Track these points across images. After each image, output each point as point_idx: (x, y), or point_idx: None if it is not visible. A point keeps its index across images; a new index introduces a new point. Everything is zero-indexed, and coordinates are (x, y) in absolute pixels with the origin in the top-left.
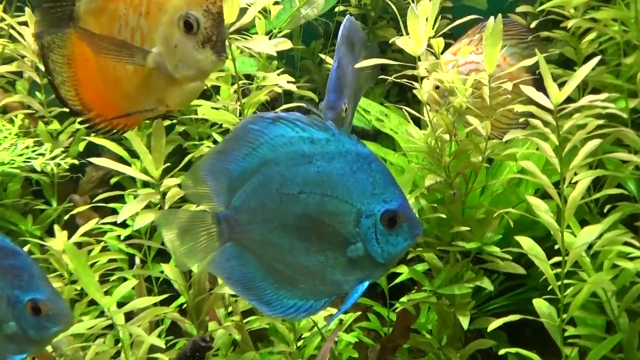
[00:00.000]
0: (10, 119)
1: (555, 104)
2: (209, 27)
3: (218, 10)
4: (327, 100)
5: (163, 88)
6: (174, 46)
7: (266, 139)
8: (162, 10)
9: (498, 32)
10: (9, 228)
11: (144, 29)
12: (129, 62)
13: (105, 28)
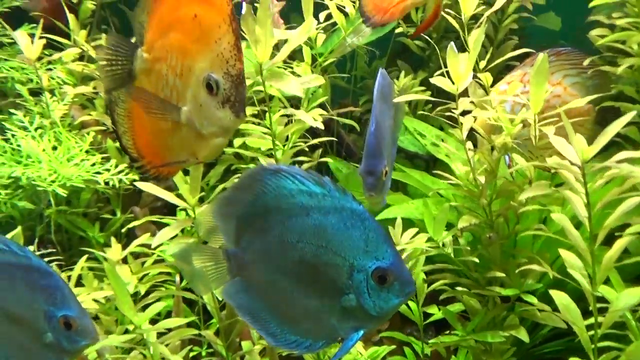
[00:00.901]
0: (82, 136)
1: (582, 160)
2: (228, 88)
3: (237, 72)
4: (366, 165)
5: (193, 142)
6: (199, 105)
7: (269, 189)
8: (191, 71)
9: (544, 71)
10: (79, 234)
11: (179, 88)
12: (167, 118)
13: (153, 86)
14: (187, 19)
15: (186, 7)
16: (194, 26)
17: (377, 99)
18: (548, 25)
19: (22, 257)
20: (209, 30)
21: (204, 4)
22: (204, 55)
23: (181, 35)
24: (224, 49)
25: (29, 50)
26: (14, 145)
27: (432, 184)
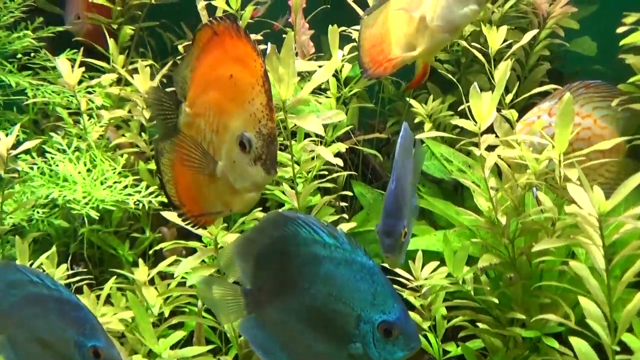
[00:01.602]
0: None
1: (600, 213)
2: (260, 146)
3: (269, 131)
4: (384, 225)
5: (228, 195)
6: (233, 161)
7: (285, 235)
8: (226, 129)
9: (570, 113)
10: (110, 252)
11: (215, 144)
12: (204, 171)
13: (194, 136)
14: (224, 78)
15: (223, 67)
16: (230, 86)
17: (399, 154)
18: (583, 50)
19: (54, 290)
20: (243, 91)
21: (239, 65)
22: (238, 114)
23: (218, 93)
24: (257, 109)
25: (69, 77)
26: (52, 167)
27: (456, 214)
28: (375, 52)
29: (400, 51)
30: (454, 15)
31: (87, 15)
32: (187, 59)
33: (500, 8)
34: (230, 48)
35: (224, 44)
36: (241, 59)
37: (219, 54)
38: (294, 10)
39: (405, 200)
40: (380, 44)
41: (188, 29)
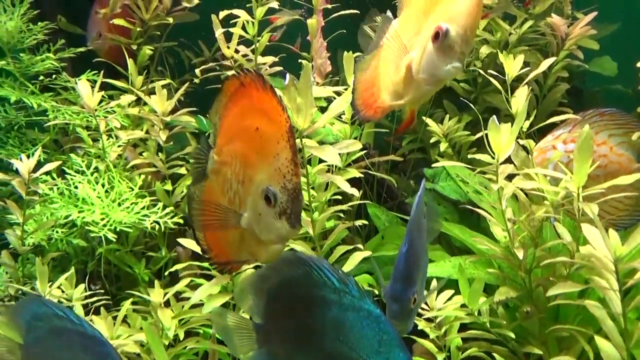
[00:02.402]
0: (131, 178)
1: (615, 258)
2: (284, 201)
3: (294, 187)
4: (393, 290)
5: (254, 245)
6: (258, 214)
7: (297, 276)
8: (252, 181)
9: (589, 147)
10: (125, 270)
11: (240, 195)
12: (229, 223)
13: (220, 187)
14: (250, 130)
15: (250, 119)
16: (256, 138)
17: (415, 214)
18: (603, 71)
19: (78, 325)
20: (269, 145)
21: (265, 119)
22: (263, 167)
23: (244, 144)
24: (282, 163)
25: (89, 99)
26: (71, 188)
27: (472, 239)
28: (367, 95)
29: (388, 98)
30: (438, 71)
31: (108, 35)
32: (216, 106)
33: (517, 29)
34: (256, 100)
35: (250, 95)
36: (267, 113)
37: (245, 105)
38: (310, 32)
39: (418, 265)
40: (371, 88)
41: (205, 47)
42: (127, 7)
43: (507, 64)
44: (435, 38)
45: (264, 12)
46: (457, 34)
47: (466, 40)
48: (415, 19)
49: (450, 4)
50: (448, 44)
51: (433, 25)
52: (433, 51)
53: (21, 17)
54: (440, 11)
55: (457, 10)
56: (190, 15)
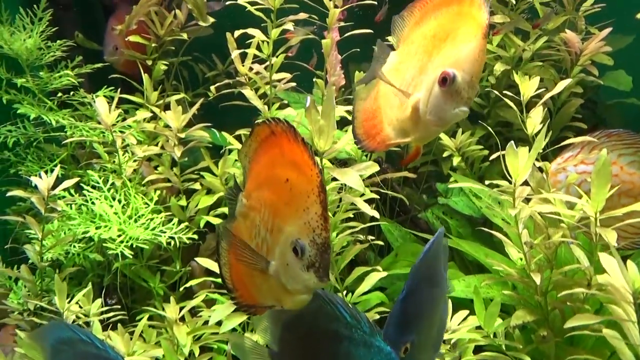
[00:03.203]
0: (146, 192)
1: (634, 291)
2: (313, 255)
3: (323, 241)
4: (385, 333)
5: (280, 293)
6: (286, 264)
7: (312, 309)
8: (281, 232)
9: (607, 174)
10: (140, 284)
11: (268, 242)
12: (256, 268)
13: (247, 231)
14: (280, 180)
15: (280, 168)
16: (285, 189)
17: (421, 261)
18: (617, 85)
19: (102, 351)
20: (298, 198)
21: (296, 171)
22: (292, 219)
23: (274, 194)
24: (311, 218)
25: (107, 117)
26: (89, 204)
27: (486, 257)
28: (368, 125)
29: (393, 133)
30: (445, 114)
31: (123, 51)
32: (245, 149)
33: (531, 45)
34: (287, 151)
35: (281, 145)
36: (298, 165)
37: (275, 154)
38: (325, 51)
39: (419, 315)
40: (372, 119)
41: (219, 61)
42: (142, 23)
43: (523, 86)
44: (442, 83)
45: (279, 33)
46: (464, 80)
47: (472, 86)
48: (416, 56)
49: (455, 48)
50: (455, 89)
51: (438, 68)
52: (440, 95)
53: (40, 35)
54: (445, 54)
55: (463, 56)
56: (204, 30)
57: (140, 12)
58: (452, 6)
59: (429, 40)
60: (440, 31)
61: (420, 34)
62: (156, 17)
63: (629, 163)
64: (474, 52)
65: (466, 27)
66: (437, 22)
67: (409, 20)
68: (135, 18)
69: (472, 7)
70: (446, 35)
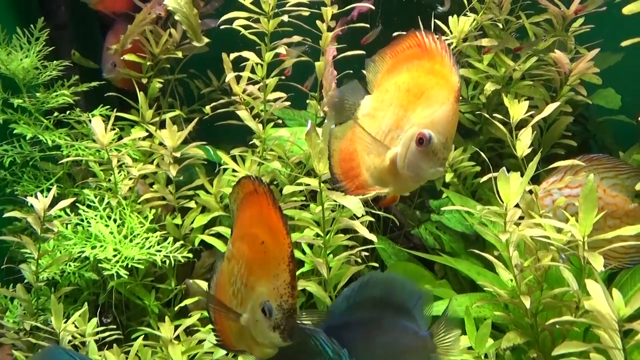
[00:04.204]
0: (141, 210)
1: (619, 318)
2: (279, 318)
3: (289, 307)
4: None
5: (249, 341)
6: (255, 320)
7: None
8: (253, 290)
9: (593, 199)
10: (135, 301)
11: (243, 295)
12: (230, 318)
13: (229, 274)
14: (257, 240)
15: (258, 228)
16: (261, 251)
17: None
18: (606, 104)
19: None
20: (271, 262)
21: (271, 236)
22: (263, 281)
23: (250, 251)
24: (280, 285)
25: (103, 137)
26: (84, 224)
27: (478, 276)
28: (346, 167)
29: (371, 180)
30: (422, 172)
31: (120, 70)
32: (233, 195)
33: (522, 65)
34: (265, 214)
35: (261, 205)
36: (273, 231)
37: (256, 212)
38: (318, 73)
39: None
40: (350, 160)
41: (214, 77)
42: (138, 42)
43: (512, 108)
44: (419, 143)
45: (272, 56)
46: (439, 141)
47: (447, 147)
48: (391, 107)
49: (430, 109)
50: (432, 150)
51: (414, 126)
52: (417, 154)
53: (36, 55)
54: (420, 113)
55: (437, 117)
56: (199, 48)
57: (135, 31)
58: (423, 61)
59: (403, 94)
60: (414, 86)
61: (393, 84)
62: (151, 35)
63: (611, 186)
64: (447, 115)
65: (439, 88)
66: (409, 76)
67: (381, 66)
68: (130, 37)
69: (444, 67)
70: (420, 93)
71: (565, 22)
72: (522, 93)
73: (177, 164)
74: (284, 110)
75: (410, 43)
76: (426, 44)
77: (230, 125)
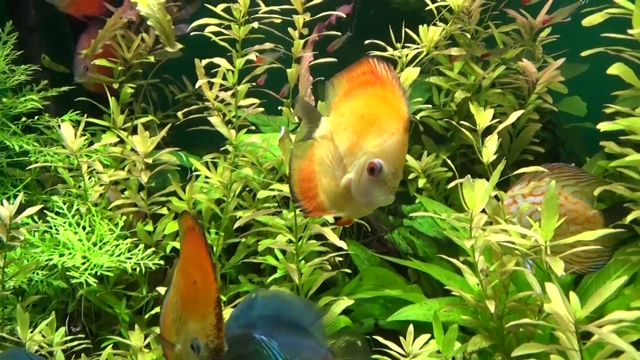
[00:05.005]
0: (112, 217)
1: (576, 320)
2: (206, 356)
3: (215, 347)
4: None
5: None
6: (186, 352)
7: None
8: (185, 324)
9: (554, 205)
10: (106, 310)
11: (178, 326)
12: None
13: (172, 298)
14: (191, 278)
15: (192, 267)
16: (193, 290)
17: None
18: (572, 111)
19: None
20: (200, 303)
21: (202, 277)
22: (193, 320)
23: (185, 287)
24: (207, 326)
25: (72, 143)
26: (52, 231)
27: (448, 280)
28: (305, 187)
29: (328, 203)
30: (373, 199)
31: (90, 75)
32: (179, 224)
33: (491, 73)
34: (200, 253)
35: (196, 244)
36: (203, 273)
37: (192, 250)
38: (290, 80)
39: None
40: (309, 180)
41: (189, 82)
42: (109, 46)
43: (479, 116)
44: (370, 172)
45: (244, 62)
46: (389, 170)
47: (396, 176)
48: (346, 132)
49: (381, 137)
50: (382, 179)
51: (366, 154)
52: (369, 182)
53: (4, 59)
54: (372, 142)
55: (387, 147)
56: (173, 53)
57: (106, 36)
58: (376, 88)
59: (357, 120)
60: (367, 114)
61: (349, 109)
62: (123, 40)
63: (572, 193)
64: (397, 145)
65: (390, 118)
66: (364, 102)
67: (338, 89)
68: (100, 41)
69: (394, 96)
70: (373, 121)
71: (533, 32)
72: (491, 101)
73: (149, 170)
74: (259, 116)
75: (365, 69)
76: (378, 72)
77: (206, 131)
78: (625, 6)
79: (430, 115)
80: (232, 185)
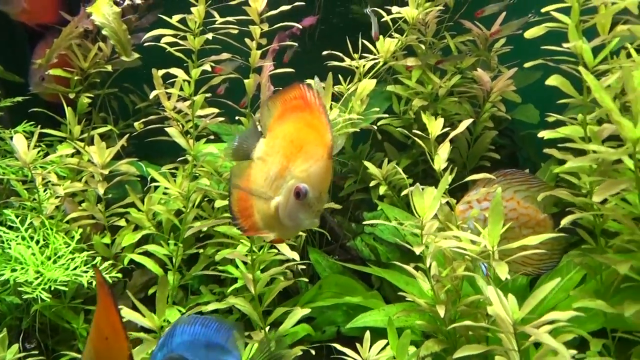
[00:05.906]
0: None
1: (514, 321)
2: None
3: None
4: None
5: None
6: None
7: None
8: None
9: (499, 211)
10: (63, 325)
11: None
12: None
13: (88, 350)
14: (102, 333)
15: (104, 323)
16: (104, 347)
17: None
18: (526, 118)
19: None
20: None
21: (113, 334)
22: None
23: (97, 341)
24: None
25: (25, 155)
26: (4, 246)
27: (406, 286)
28: (242, 206)
29: (260, 223)
30: (299, 222)
31: (46, 85)
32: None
33: (447, 82)
34: (111, 312)
35: (106, 302)
36: (114, 328)
37: (104, 305)
38: (248, 90)
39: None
40: (245, 200)
41: (149, 91)
42: (65, 56)
43: (430, 125)
44: (297, 196)
45: (199, 73)
46: (314, 195)
47: (320, 200)
48: (278, 155)
49: (307, 163)
50: (307, 202)
51: (294, 179)
52: (295, 205)
53: None
54: (299, 167)
55: (312, 172)
56: (130, 62)
57: (62, 45)
58: (305, 113)
59: (287, 144)
60: (296, 138)
61: (281, 132)
62: (79, 49)
63: (524, 198)
64: (321, 170)
65: (315, 144)
66: (294, 127)
67: (273, 111)
68: (55, 51)
69: (320, 123)
70: (300, 146)
71: (488, 43)
72: (448, 109)
73: (106, 181)
74: (220, 125)
75: (296, 94)
76: (308, 98)
77: (168, 141)
78: (563, 20)
79: (391, 124)
80: (191, 196)
